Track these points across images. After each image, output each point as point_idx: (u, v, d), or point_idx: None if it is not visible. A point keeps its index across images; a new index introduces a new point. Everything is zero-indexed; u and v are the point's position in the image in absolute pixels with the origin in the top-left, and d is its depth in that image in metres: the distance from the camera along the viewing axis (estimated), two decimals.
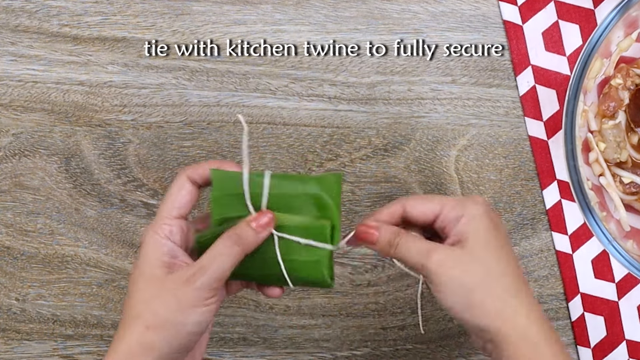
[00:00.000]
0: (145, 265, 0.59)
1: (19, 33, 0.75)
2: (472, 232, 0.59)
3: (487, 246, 0.59)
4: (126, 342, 0.57)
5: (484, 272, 0.59)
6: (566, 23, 0.75)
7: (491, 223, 0.60)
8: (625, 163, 0.73)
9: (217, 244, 0.58)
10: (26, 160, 0.75)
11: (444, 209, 0.61)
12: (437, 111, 0.75)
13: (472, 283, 0.58)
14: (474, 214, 0.60)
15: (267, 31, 0.75)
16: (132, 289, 0.59)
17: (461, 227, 0.60)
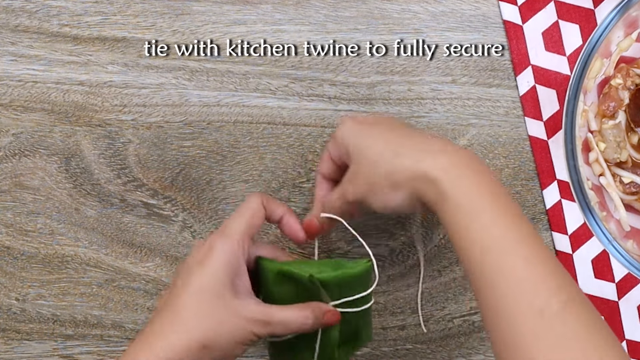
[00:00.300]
0: (214, 279, 0.60)
1: (19, 33, 0.75)
2: (346, 152, 0.65)
3: (363, 143, 0.63)
4: (171, 346, 0.58)
5: (373, 161, 0.62)
6: (566, 23, 0.75)
7: (358, 126, 0.65)
8: (625, 163, 0.73)
9: (292, 308, 0.62)
10: (26, 160, 0.75)
11: (331, 151, 0.67)
12: (437, 111, 0.75)
13: (369, 175, 0.62)
14: (340, 136, 0.65)
15: (267, 31, 0.75)
16: (193, 297, 0.59)
17: (345, 150, 0.65)
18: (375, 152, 0.62)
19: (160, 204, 0.75)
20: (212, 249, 0.61)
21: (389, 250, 0.76)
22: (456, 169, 0.59)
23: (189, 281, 0.60)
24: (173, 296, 0.60)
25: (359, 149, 0.64)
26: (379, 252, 0.76)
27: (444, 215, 0.59)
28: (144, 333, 0.60)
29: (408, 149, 0.61)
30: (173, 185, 0.75)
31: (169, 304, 0.60)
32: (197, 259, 0.61)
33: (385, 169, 0.61)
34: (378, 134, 0.64)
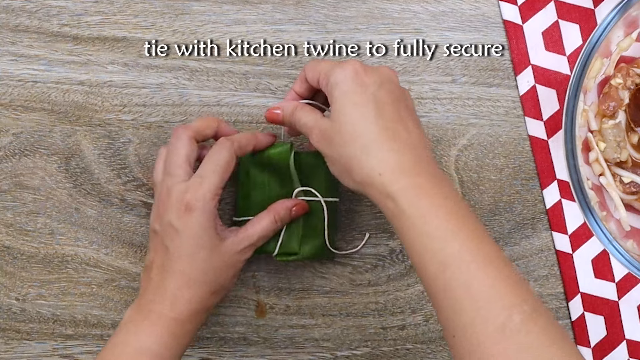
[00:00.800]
0: (204, 234, 0.65)
1: (19, 33, 0.75)
2: (334, 100, 0.62)
3: (344, 114, 0.61)
4: (188, 301, 0.65)
5: (342, 141, 0.61)
6: (566, 23, 0.75)
7: (352, 87, 0.61)
8: (625, 163, 0.73)
9: (262, 220, 0.69)
10: (26, 160, 0.75)
11: (320, 78, 0.64)
12: (437, 111, 0.75)
13: (337, 154, 0.61)
14: (336, 81, 0.62)
15: (267, 31, 0.75)
16: (194, 256, 0.65)
17: (328, 96, 0.63)
18: (353, 135, 0.61)
19: None
20: (192, 209, 0.65)
21: (389, 250, 0.76)
22: (416, 188, 0.59)
23: (181, 244, 0.65)
24: (172, 258, 0.65)
25: (343, 115, 0.61)
26: (379, 252, 0.76)
27: (400, 229, 0.59)
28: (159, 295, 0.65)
29: (379, 147, 0.60)
30: None
31: (171, 267, 0.65)
32: (180, 219, 0.65)
33: (353, 160, 0.61)
34: (367, 112, 0.61)
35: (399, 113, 0.62)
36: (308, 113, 0.66)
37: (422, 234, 0.57)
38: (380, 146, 0.60)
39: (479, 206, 0.76)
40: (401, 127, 0.61)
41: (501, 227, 0.76)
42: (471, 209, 0.60)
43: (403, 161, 0.59)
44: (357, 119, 0.61)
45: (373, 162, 0.60)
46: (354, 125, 0.61)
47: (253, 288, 0.76)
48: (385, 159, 0.59)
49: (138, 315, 0.66)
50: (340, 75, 0.62)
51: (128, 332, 0.65)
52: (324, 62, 0.65)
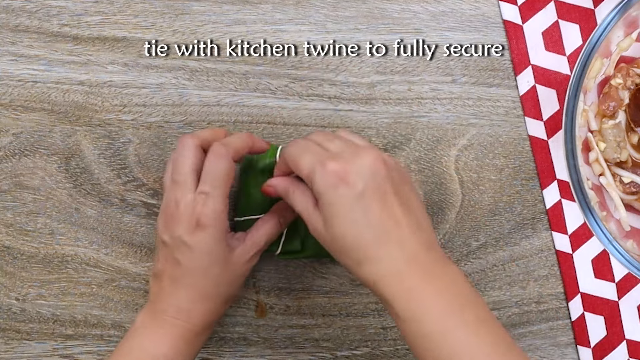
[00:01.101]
0: (216, 249, 0.66)
1: (19, 33, 0.75)
2: (322, 208, 0.61)
3: (337, 222, 0.60)
4: (202, 313, 0.67)
5: (337, 249, 0.61)
6: (566, 23, 0.75)
7: (338, 193, 0.60)
8: (625, 163, 0.73)
9: (267, 224, 0.69)
10: (26, 160, 0.75)
11: (303, 177, 0.62)
12: (437, 111, 0.75)
13: (334, 255, 0.62)
14: (319, 189, 0.60)
15: (267, 31, 0.75)
16: (206, 272, 0.66)
17: (316, 198, 0.62)
18: (344, 247, 0.60)
19: (160, 204, 0.75)
20: (204, 225, 0.65)
21: None
22: (408, 292, 0.59)
23: (193, 259, 0.66)
24: (184, 272, 0.66)
25: (331, 226, 0.61)
26: None
27: (400, 331, 0.60)
28: (173, 306, 0.66)
29: (369, 258, 0.60)
30: None
31: (183, 281, 0.66)
32: (192, 235, 0.65)
33: (349, 268, 0.61)
34: (354, 220, 0.60)
35: (387, 207, 0.60)
36: (301, 198, 0.64)
37: (417, 337, 0.59)
38: (371, 258, 0.60)
39: (479, 206, 0.76)
40: (390, 224, 0.60)
41: (501, 227, 0.76)
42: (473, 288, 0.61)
43: (394, 265, 0.59)
44: (346, 233, 0.60)
45: (366, 273, 0.60)
46: (344, 238, 0.60)
47: (253, 288, 0.76)
48: (375, 270, 0.60)
49: (153, 322, 0.67)
50: (322, 185, 0.60)
51: (143, 337, 0.66)
52: (303, 155, 0.63)
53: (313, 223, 0.62)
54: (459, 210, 0.76)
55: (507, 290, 0.77)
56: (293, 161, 0.63)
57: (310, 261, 0.76)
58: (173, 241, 0.66)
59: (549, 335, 0.77)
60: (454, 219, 0.76)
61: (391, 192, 0.61)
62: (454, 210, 0.76)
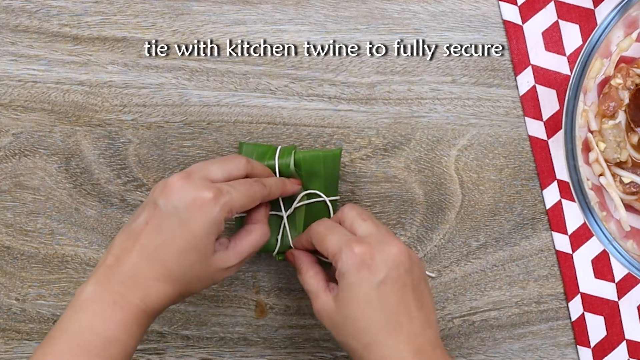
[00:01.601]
0: (204, 238, 0.62)
1: (19, 33, 0.75)
2: (341, 290, 0.63)
3: (354, 305, 0.62)
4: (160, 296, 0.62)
5: (347, 332, 0.62)
6: (566, 23, 0.75)
7: (361, 277, 0.62)
8: (625, 163, 0.73)
9: (252, 234, 0.66)
10: (26, 160, 0.75)
11: (328, 255, 0.64)
12: (437, 111, 0.75)
13: (339, 338, 0.63)
14: (342, 270, 0.63)
15: (267, 31, 0.75)
16: (184, 254, 0.62)
17: (337, 277, 0.63)
18: (355, 329, 0.62)
19: None
20: (207, 210, 0.62)
21: None
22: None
23: (177, 235, 0.62)
24: (160, 245, 0.62)
25: (347, 307, 0.62)
26: None
27: None
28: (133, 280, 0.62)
29: (379, 345, 0.61)
30: None
31: (155, 253, 0.62)
32: (190, 211, 0.61)
33: (355, 352, 0.63)
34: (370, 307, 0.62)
35: (404, 300, 0.62)
36: (313, 280, 0.66)
37: None
38: (380, 344, 0.61)
39: (479, 206, 0.76)
40: (404, 317, 0.62)
41: (501, 227, 0.76)
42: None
43: (401, 356, 0.61)
44: (360, 315, 0.62)
45: (372, 357, 0.61)
46: (357, 321, 0.62)
47: (253, 288, 0.76)
48: (384, 357, 0.61)
49: (105, 295, 0.61)
50: (346, 265, 0.62)
51: (94, 314, 0.60)
52: (329, 234, 0.65)
53: (321, 303, 0.64)
54: (459, 210, 0.76)
55: (507, 290, 0.77)
56: (320, 239, 0.65)
57: None
58: (165, 207, 0.62)
59: (549, 335, 0.77)
60: (454, 219, 0.76)
61: (410, 286, 0.63)
62: (454, 210, 0.76)
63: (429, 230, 0.76)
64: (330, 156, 0.72)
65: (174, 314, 0.76)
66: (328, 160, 0.72)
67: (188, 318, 0.76)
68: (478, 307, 0.77)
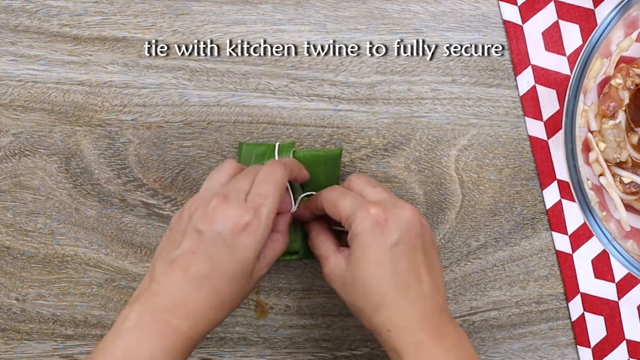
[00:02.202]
0: (252, 260, 0.62)
1: (19, 33, 0.75)
2: (353, 250, 0.63)
3: (366, 266, 0.62)
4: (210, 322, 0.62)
5: (357, 292, 0.63)
6: (566, 23, 0.75)
7: (374, 238, 0.62)
8: (625, 163, 0.73)
9: (278, 243, 0.66)
10: (26, 160, 0.75)
11: (342, 219, 0.65)
12: (437, 111, 0.75)
13: (348, 299, 0.64)
14: (356, 231, 0.63)
15: (267, 31, 0.75)
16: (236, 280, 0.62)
17: (350, 241, 0.64)
18: (365, 290, 0.63)
19: (160, 204, 0.75)
20: (252, 231, 0.61)
21: None
22: (418, 345, 0.61)
23: (227, 263, 0.61)
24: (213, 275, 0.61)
25: (358, 269, 0.63)
26: None
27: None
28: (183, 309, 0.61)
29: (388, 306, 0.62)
30: (173, 185, 0.75)
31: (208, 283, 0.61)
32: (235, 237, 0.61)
33: (363, 312, 0.63)
34: (382, 269, 0.62)
35: (414, 263, 0.63)
36: (323, 244, 0.67)
37: None
38: (389, 305, 0.62)
39: (479, 206, 0.76)
40: (414, 279, 0.63)
41: (501, 227, 0.76)
42: (474, 352, 0.64)
43: (409, 318, 0.62)
44: (371, 277, 0.62)
45: (381, 319, 0.62)
46: (367, 282, 0.62)
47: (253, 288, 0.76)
48: (393, 318, 0.62)
49: (152, 324, 0.60)
50: (360, 226, 0.63)
51: (140, 342, 0.59)
52: (342, 199, 0.65)
53: (331, 265, 0.65)
54: (459, 210, 0.76)
55: (507, 290, 0.77)
56: (332, 203, 0.65)
57: (311, 261, 0.76)
58: (212, 235, 0.61)
59: (549, 335, 0.77)
60: (454, 219, 0.76)
61: (421, 250, 0.63)
62: (454, 210, 0.76)
63: None
64: (331, 156, 0.72)
65: None
66: (329, 161, 0.72)
67: None
68: (478, 307, 0.77)
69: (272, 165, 0.66)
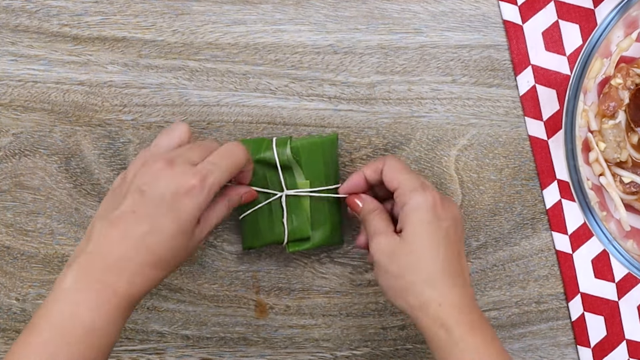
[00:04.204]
0: (192, 221, 0.63)
1: (19, 33, 0.75)
2: (410, 223, 0.65)
3: (419, 239, 0.65)
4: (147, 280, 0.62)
5: (408, 263, 0.65)
6: (566, 23, 0.75)
7: (431, 216, 0.65)
8: (625, 163, 0.73)
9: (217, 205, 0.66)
10: (26, 160, 0.75)
11: (398, 189, 0.67)
12: (437, 111, 0.75)
13: (396, 271, 0.65)
14: (416, 205, 0.65)
15: (267, 31, 0.75)
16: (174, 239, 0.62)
17: (404, 215, 0.66)
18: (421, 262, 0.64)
19: None
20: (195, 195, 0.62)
21: None
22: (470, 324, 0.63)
23: (167, 222, 0.61)
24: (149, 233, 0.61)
25: (415, 241, 0.65)
26: None
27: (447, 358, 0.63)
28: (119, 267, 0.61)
29: (443, 281, 0.64)
30: None
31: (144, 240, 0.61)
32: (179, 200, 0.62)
33: (414, 285, 0.64)
34: (438, 246, 0.65)
35: (459, 251, 0.66)
36: (382, 221, 0.68)
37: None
38: (444, 280, 0.64)
39: (479, 206, 0.76)
40: (460, 265, 0.66)
41: (501, 227, 0.76)
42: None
43: (460, 298, 0.64)
44: (428, 250, 0.64)
45: (435, 293, 0.64)
46: (424, 254, 0.64)
47: (253, 288, 0.76)
48: (446, 293, 0.64)
49: (88, 285, 0.60)
50: (421, 201, 0.65)
51: (77, 304, 0.59)
52: (406, 173, 0.67)
53: (386, 240, 0.66)
54: (459, 210, 0.76)
55: (507, 290, 0.77)
56: (397, 171, 0.67)
57: (311, 261, 0.76)
58: (153, 195, 0.61)
59: (549, 335, 0.77)
60: None
61: (461, 243, 0.67)
62: None
63: None
64: (328, 141, 0.72)
65: (174, 314, 0.76)
66: (326, 146, 0.72)
67: (188, 318, 0.76)
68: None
69: (233, 144, 0.66)
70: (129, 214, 0.62)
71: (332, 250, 0.76)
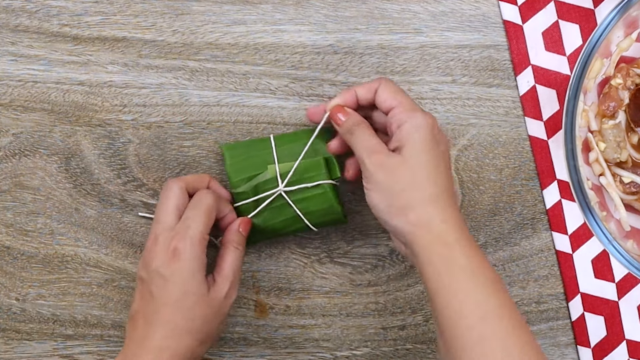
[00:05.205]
0: (192, 280, 0.65)
1: (19, 33, 0.75)
2: (411, 141, 0.64)
3: (420, 157, 0.64)
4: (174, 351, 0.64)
5: (410, 180, 0.64)
6: (566, 23, 0.75)
7: (431, 137, 0.65)
8: (625, 163, 0.73)
9: (227, 257, 0.68)
10: (26, 160, 0.75)
11: (396, 108, 0.66)
12: (437, 111, 0.75)
13: (397, 188, 0.64)
14: (417, 124, 0.65)
15: (267, 31, 0.75)
16: (180, 303, 0.64)
17: (403, 134, 0.65)
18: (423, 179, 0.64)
19: None
20: (180, 254, 0.65)
21: (389, 250, 0.76)
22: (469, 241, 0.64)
23: (167, 291, 0.64)
24: (158, 307, 0.64)
25: (418, 157, 0.64)
26: (379, 252, 0.76)
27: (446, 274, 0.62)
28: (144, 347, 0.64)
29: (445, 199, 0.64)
30: None
31: (156, 317, 0.64)
32: (167, 266, 0.65)
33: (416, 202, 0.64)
34: (438, 166, 0.65)
35: (450, 176, 0.66)
36: (373, 137, 0.67)
37: (474, 282, 0.62)
38: (445, 199, 0.64)
39: (479, 206, 0.76)
40: (450, 190, 0.65)
41: (501, 227, 0.76)
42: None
43: (457, 216, 0.64)
44: (431, 168, 0.64)
45: (437, 210, 0.63)
46: (427, 171, 0.64)
47: (253, 288, 0.76)
48: (449, 212, 0.64)
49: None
50: (422, 121, 0.65)
51: None
52: (404, 94, 0.67)
53: (384, 156, 0.64)
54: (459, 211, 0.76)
55: (507, 290, 0.77)
56: (395, 93, 0.67)
57: (311, 261, 0.76)
58: (149, 275, 0.65)
59: (549, 335, 0.77)
60: None
61: (450, 169, 0.67)
62: None
63: None
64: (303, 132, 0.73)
65: None
66: (301, 135, 0.73)
67: None
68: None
69: (199, 194, 0.69)
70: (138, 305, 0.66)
71: (332, 250, 0.76)
